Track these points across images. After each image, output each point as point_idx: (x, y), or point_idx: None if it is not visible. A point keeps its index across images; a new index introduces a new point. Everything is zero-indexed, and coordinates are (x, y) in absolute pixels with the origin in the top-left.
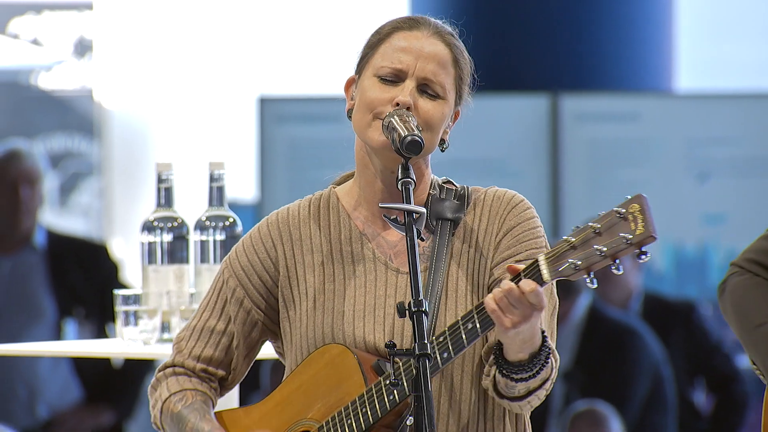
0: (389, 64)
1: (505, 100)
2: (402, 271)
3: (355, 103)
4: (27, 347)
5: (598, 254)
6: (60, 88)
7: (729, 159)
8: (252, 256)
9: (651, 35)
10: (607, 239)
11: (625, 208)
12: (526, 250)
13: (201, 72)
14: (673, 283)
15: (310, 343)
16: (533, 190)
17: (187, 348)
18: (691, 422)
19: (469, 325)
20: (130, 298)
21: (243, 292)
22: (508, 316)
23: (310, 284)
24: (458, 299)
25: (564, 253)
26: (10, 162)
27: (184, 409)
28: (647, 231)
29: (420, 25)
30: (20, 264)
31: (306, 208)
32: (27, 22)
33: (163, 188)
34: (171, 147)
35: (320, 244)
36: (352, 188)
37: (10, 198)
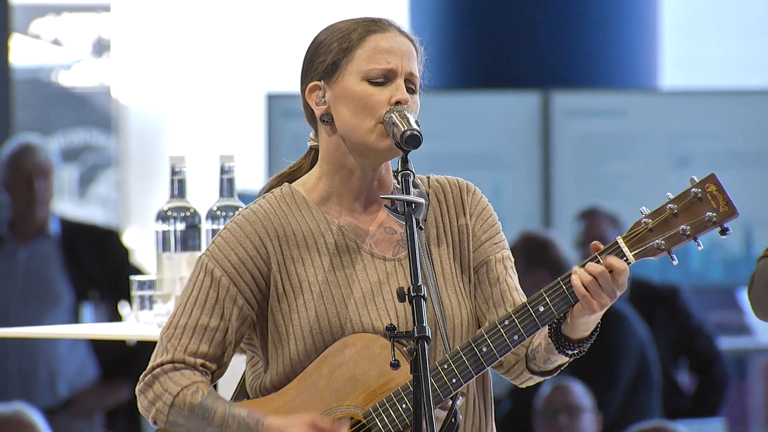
0: (378, 66)
1: (499, 97)
2: (388, 258)
3: (342, 109)
4: (50, 330)
5: (682, 233)
6: (79, 85)
7: (710, 153)
8: (242, 254)
9: (636, 35)
10: (689, 218)
11: (700, 188)
12: (497, 232)
13: (212, 70)
14: (657, 269)
15: (314, 333)
16: (526, 182)
17: (181, 345)
18: (675, 400)
19: (541, 308)
20: (145, 284)
21: (236, 290)
22: (597, 299)
23: (304, 277)
24: (446, 282)
25: (644, 235)
26: (24, 156)
27: (206, 399)
28: (731, 208)
29: (388, 25)
30: (37, 252)
31: (277, 205)
32: (48, 23)
33: (176, 180)
34: (184, 141)
35: (304, 238)
36: (316, 185)
37: (25, 190)
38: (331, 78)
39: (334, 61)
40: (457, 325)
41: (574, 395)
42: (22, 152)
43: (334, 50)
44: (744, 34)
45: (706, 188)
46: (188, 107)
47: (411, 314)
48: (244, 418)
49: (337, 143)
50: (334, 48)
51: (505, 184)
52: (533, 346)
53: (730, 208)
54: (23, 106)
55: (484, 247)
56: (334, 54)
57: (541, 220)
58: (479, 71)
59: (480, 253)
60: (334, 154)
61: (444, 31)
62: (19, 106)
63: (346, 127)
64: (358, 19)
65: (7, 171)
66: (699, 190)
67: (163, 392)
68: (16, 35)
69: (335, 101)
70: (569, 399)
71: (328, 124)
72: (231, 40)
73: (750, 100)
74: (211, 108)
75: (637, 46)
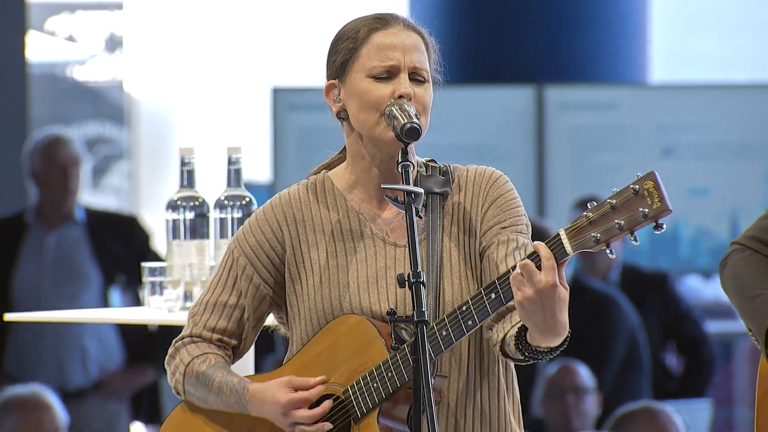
0: (380, 63)
1: (496, 91)
2: (399, 245)
3: (352, 105)
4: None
5: (617, 227)
6: (93, 79)
7: (697, 144)
8: (260, 236)
9: (626, 32)
10: (625, 214)
11: (639, 185)
12: (510, 218)
13: (220, 65)
14: (647, 256)
15: (319, 315)
16: (520, 172)
17: (202, 321)
18: (663, 381)
19: (493, 295)
20: (156, 270)
21: (252, 270)
22: (522, 289)
23: (315, 261)
24: (452, 268)
25: (584, 227)
26: (57, 147)
27: (209, 368)
28: (663, 205)
29: (391, 21)
30: (65, 237)
31: (304, 191)
32: (62, 21)
33: (185, 170)
34: (193, 133)
35: (321, 224)
36: (344, 173)
37: (59, 179)
38: (342, 77)
39: (343, 61)
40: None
41: (580, 376)
42: (55, 143)
43: (342, 50)
44: (729, 32)
45: (644, 185)
46: (197, 101)
47: (411, 299)
48: (235, 386)
49: (356, 137)
50: (342, 48)
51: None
52: (512, 333)
53: (663, 205)
54: (39, 99)
55: (491, 231)
56: (342, 54)
57: (535, 210)
58: (477, 67)
59: (486, 238)
60: (355, 146)
61: (444, 29)
62: (36, 100)
63: (356, 121)
64: (367, 16)
65: (40, 161)
66: (637, 186)
67: (180, 363)
68: (32, 32)
69: (347, 99)
70: (575, 380)
71: (345, 120)
72: (238, 37)
73: (735, 94)
74: (219, 101)
75: (627, 42)
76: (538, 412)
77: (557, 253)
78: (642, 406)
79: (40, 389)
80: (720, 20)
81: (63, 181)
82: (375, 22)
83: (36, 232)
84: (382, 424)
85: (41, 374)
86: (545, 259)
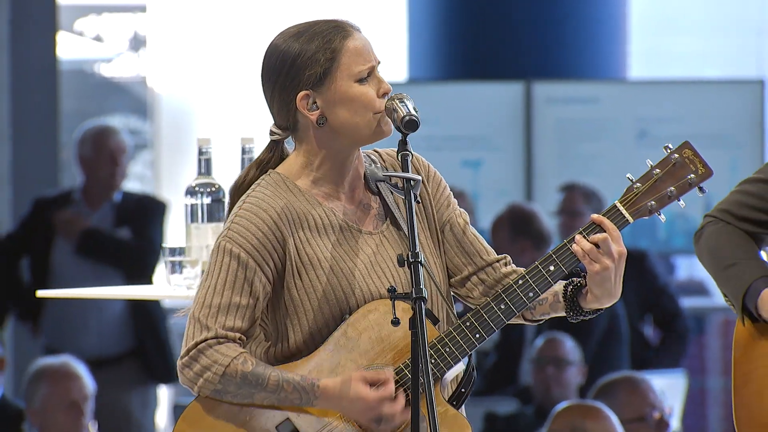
0: (364, 66)
1: (488, 87)
2: (373, 232)
3: (341, 110)
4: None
5: (668, 195)
6: (118, 76)
7: (672, 135)
8: (261, 237)
9: (607, 33)
10: (673, 181)
11: (678, 153)
12: (448, 194)
13: (235, 63)
14: (628, 237)
15: (330, 303)
16: (511, 161)
17: (219, 322)
18: (641, 352)
19: (552, 267)
20: (176, 251)
21: (260, 270)
22: (600, 261)
23: (312, 255)
24: (423, 246)
25: (638, 198)
26: (109, 136)
27: (257, 368)
28: (707, 170)
29: (348, 26)
30: (105, 216)
31: (274, 191)
32: (90, 22)
33: (203, 159)
34: (210, 125)
35: (306, 220)
36: (301, 170)
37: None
38: (321, 86)
39: (324, 71)
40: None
41: (565, 348)
42: (107, 133)
43: (321, 61)
44: (701, 32)
45: (683, 154)
46: (214, 95)
47: (409, 278)
48: (299, 383)
49: (330, 138)
50: (320, 59)
51: (493, 163)
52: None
53: (707, 170)
54: (69, 95)
55: (442, 209)
56: (321, 65)
57: (524, 195)
58: (471, 64)
59: (441, 215)
60: (326, 147)
61: (441, 31)
62: (66, 95)
63: (346, 124)
64: (324, 27)
65: (90, 148)
66: (677, 155)
67: (212, 363)
68: (62, 32)
69: (330, 105)
70: (560, 352)
71: (322, 125)
72: (251, 38)
73: (706, 89)
74: (233, 96)
75: (608, 42)
76: (526, 380)
77: (619, 223)
78: (623, 376)
79: (69, 360)
80: (693, 21)
81: (111, 166)
82: (341, 31)
83: (81, 210)
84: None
85: (71, 345)
86: (612, 230)
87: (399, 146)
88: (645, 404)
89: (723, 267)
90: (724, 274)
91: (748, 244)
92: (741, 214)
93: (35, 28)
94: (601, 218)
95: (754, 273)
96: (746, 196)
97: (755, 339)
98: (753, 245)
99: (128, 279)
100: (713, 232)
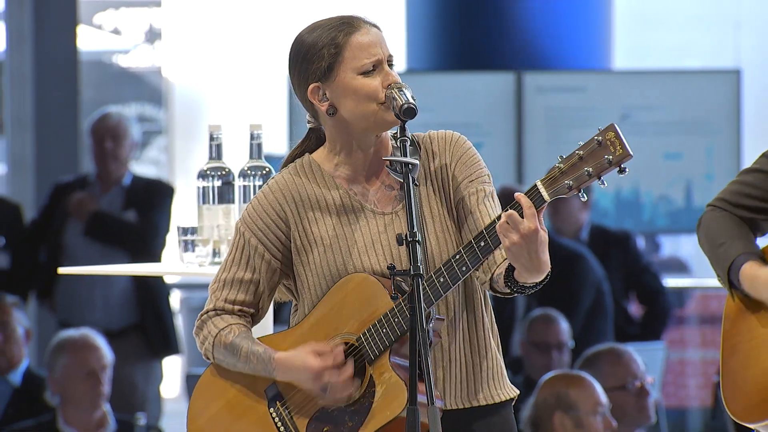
0: (368, 60)
1: (482, 77)
2: (386, 213)
3: (347, 101)
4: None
5: (586, 174)
6: (135, 66)
7: (654, 122)
8: (266, 219)
9: (593, 26)
10: (593, 162)
11: (601, 136)
12: (475, 171)
13: (243, 54)
14: (613, 219)
15: (327, 279)
16: (503, 146)
17: (222, 296)
18: (625, 326)
19: (482, 243)
20: (189, 230)
21: (264, 249)
22: (508, 236)
23: (317, 234)
24: (435, 224)
25: (557, 177)
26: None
27: (235, 339)
28: (625, 151)
29: (357, 22)
30: (115, 199)
31: (296, 174)
32: (108, 16)
33: (214, 145)
34: (220, 112)
35: (317, 201)
36: (327, 156)
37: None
38: (328, 79)
39: (328, 65)
40: (438, 262)
41: (555, 325)
42: (105, 120)
43: (326, 56)
44: (681, 25)
45: (605, 136)
46: (224, 84)
47: (407, 256)
48: (261, 355)
49: (342, 127)
50: (324, 54)
51: (486, 148)
52: (498, 272)
53: (624, 151)
54: (89, 84)
55: (461, 186)
56: (326, 59)
57: (515, 177)
58: (466, 56)
59: (458, 192)
60: (341, 135)
61: (436, 24)
62: (86, 85)
63: (353, 114)
64: (334, 23)
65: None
66: (600, 138)
67: (208, 334)
68: (82, 26)
69: (337, 96)
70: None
71: (333, 115)
72: (259, 31)
73: (686, 79)
74: (242, 85)
75: (594, 35)
76: (516, 351)
77: (536, 201)
78: (607, 347)
79: (88, 332)
80: (673, 16)
81: (115, 150)
82: (348, 27)
83: (95, 192)
84: (392, 362)
85: (81, 319)
86: (527, 208)
87: (399, 132)
88: (627, 374)
89: (714, 246)
90: (715, 254)
91: (740, 228)
92: (737, 202)
93: (57, 21)
94: (520, 196)
95: (739, 249)
96: (743, 186)
97: (743, 313)
98: (746, 229)
99: (133, 259)
100: (711, 218)
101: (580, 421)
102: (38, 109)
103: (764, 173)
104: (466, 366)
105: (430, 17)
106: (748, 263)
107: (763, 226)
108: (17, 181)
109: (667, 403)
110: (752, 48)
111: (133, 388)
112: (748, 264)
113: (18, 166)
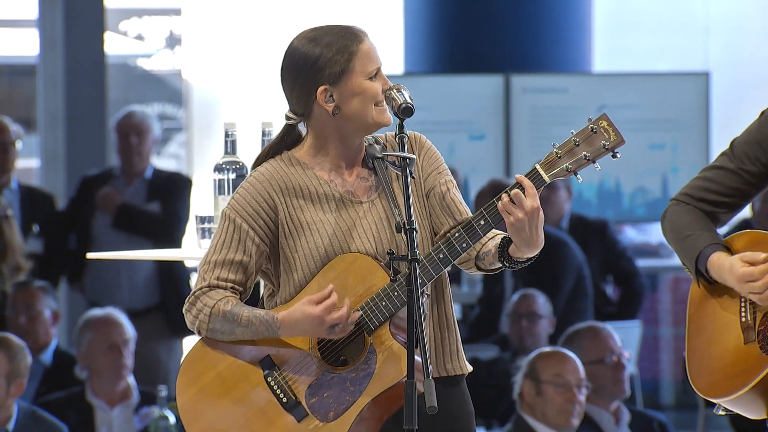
0: (374, 66)
1: (473, 79)
2: (363, 201)
3: (353, 101)
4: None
5: (584, 158)
6: (157, 69)
7: (630, 120)
8: (255, 206)
9: (575, 32)
10: (589, 147)
11: (595, 125)
12: (439, 164)
13: (257, 57)
14: (595, 208)
15: (316, 260)
16: (492, 143)
17: (214, 275)
18: (603, 307)
19: (482, 221)
20: (206, 219)
21: (253, 232)
22: (513, 213)
23: (303, 219)
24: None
25: (556, 161)
26: (129, 120)
27: (234, 307)
28: (619, 137)
29: (361, 32)
30: (138, 191)
31: (279, 167)
32: (132, 23)
33: (229, 141)
34: (235, 111)
35: (302, 190)
36: (309, 150)
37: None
38: (338, 82)
39: (341, 70)
40: (417, 242)
41: (537, 303)
42: (128, 118)
43: (340, 61)
44: (655, 31)
45: (599, 124)
46: (239, 86)
47: (387, 241)
48: (263, 316)
49: (342, 126)
50: (338, 60)
51: (477, 145)
52: (485, 250)
53: (618, 137)
54: (115, 85)
55: (430, 177)
56: (340, 64)
57: (503, 171)
58: (458, 60)
59: (428, 182)
60: (337, 131)
61: (431, 31)
62: (112, 86)
63: (357, 113)
64: (340, 32)
65: (116, 132)
66: (594, 126)
67: (204, 307)
68: (108, 32)
69: (345, 98)
70: (533, 306)
71: (336, 114)
72: (270, 36)
73: (659, 81)
74: (256, 86)
75: (575, 40)
76: (504, 329)
77: (537, 183)
78: (587, 325)
79: (112, 310)
80: (647, 22)
81: (138, 146)
82: (355, 36)
83: (118, 184)
84: (392, 331)
85: (108, 300)
86: (529, 188)
87: (397, 129)
88: (605, 349)
89: (681, 238)
90: (682, 245)
91: (703, 221)
92: (699, 196)
93: (85, 28)
94: (521, 177)
95: (705, 241)
96: (704, 181)
97: (707, 298)
98: (708, 221)
99: (156, 246)
100: (674, 211)
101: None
102: (68, 107)
103: (724, 170)
104: (434, 340)
105: (426, 25)
106: (716, 254)
107: (723, 218)
108: (50, 174)
109: (642, 376)
110: (720, 52)
111: (156, 363)
112: (716, 254)
113: (50, 160)
